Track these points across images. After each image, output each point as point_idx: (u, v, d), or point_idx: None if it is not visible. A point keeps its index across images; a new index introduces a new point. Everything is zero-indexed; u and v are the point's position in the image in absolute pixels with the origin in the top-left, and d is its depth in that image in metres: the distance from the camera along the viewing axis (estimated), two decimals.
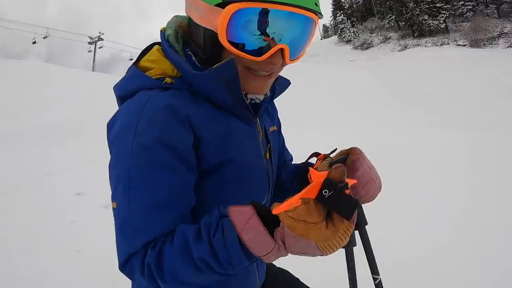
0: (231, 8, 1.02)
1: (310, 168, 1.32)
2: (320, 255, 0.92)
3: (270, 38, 1.09)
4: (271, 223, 0.93)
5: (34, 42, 53.56)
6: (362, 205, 1.32)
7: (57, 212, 5.96)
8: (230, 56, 1.12)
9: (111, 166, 1.14)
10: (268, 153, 1.45)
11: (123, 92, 1.26)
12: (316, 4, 1.11)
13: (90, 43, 57.27)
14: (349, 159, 1.24)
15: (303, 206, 0.88)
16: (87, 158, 8.43)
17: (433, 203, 6.08)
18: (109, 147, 1.18)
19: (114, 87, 1.31)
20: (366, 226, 1.32)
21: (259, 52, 1.11)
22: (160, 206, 1.07)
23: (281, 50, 1.12)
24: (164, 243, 1.03)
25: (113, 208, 1.11)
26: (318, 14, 1.14)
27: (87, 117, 14.67)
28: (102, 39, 57.24)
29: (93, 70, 49.43)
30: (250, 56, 1.10)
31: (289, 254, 0.96)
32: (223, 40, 1.08)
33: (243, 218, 0.94)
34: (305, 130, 13.31)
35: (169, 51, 1.23)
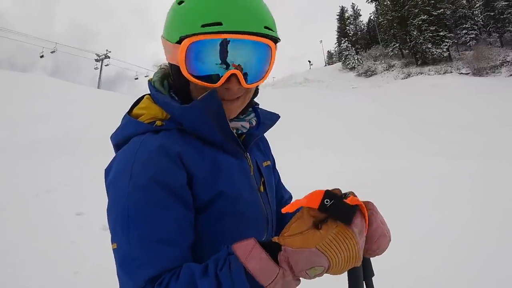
0: (184, 43, 1.15)
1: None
2: (328, 265, 0.94)
3: (222, 65, 1.18)
4: (275, 254, 0.98)
5: (41, 56, 53.69)
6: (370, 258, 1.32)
7: (57, 232, 5.97)
8: (195, 86, 1.25)
9: (109, 210, 1.18)
10: (262, 186, 1.48)
11: (119, 139, 1.33)
12: (267, 28, 1.19)
13: (97, 60, 57.38)
14: None
15: (297, 221, 0.99)
16: (88, 176, 8.45)
17: (429, 230, 6.11)
18: (106, 192, 1.22)
19: (111, 136, 1.39)
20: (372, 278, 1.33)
21: (215, 79, 1.19)
22: (161, 242, 1.08)
23: (234, 75, 1.19)
24: (170, 279, 1.03)
25: (114, 250, 1.13)
26: (272, 37, 1.22)
27: (91, 134, 14.71)
28: (109, 57, 57.43)
29: (98, 87, 49.59)
30: (207, 84, 1.20)
31: (297, 282, 0.99)
32: (183, 71, 1.19)
33: (246, 248, 0.98)
34: (306, 156, 13.31)
35: (156, 95, 1.34)
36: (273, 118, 1.55)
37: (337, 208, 0.96)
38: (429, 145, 19.21)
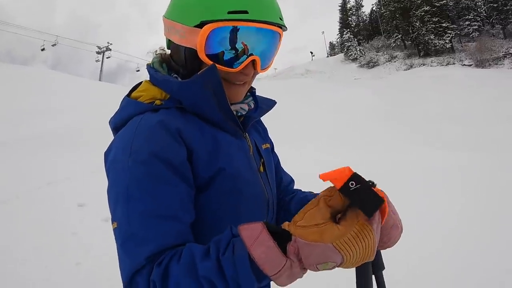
0: (207, 28, 1.17)
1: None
2: (341, 262, 0.88)
3: (242, 51, 1.22)
4: (283, 242, 0.92)
5: (43, 49, 53.64)
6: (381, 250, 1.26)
7: (59, 223, 5.97)
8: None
9: (109, 190, 1.17)
10: (262, 167, 1.49)
11: (118, 121, 1.33)
12: (280, 19, 1.27)
13: (98, 52, 57.31)
14: None
15: (311, 210, 0.92)
16: (89, 168, 8.45)
17: (431, 223, 6.15)
18: (106, 175, 1.21)
19: (109, 121, 1.38)
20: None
21: (234, 64, 1.24)
22: (162, 217, 1.06)
23: (253, 61, 1.26)
24: (171, 260, 1.00)
25: (114, 229, 1.10)
26: (283, 27, 1.29)
27: (92, 126, 14.69)
28: (110, 49, 57.27)
29: (100, 80, 49.50)
30: (227, 68, 1.23)
31: (303, 272, 0.93)
32: (202, 55, 1.21)
33: (253, 233, 0.93)
34: (305, 148, 13.32)
35: (155, 74, 1.35)
36: (269, 103, 1.61)
37: (362, 196, 0.88)
38: (431, 138, 19.22)
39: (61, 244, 5.32)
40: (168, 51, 1.46)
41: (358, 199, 0.87)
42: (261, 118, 1.69)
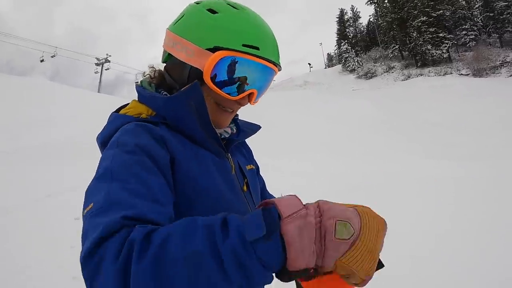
0: (220, 54, 1.21)
1: None
2: (358, 235, 0.81)
3: (245, 83, 1.29)
4: None
5: (42, 60, 53.59)
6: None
7: (56, 236, 5.95)
8: (207, 91, 1.29)
9: (92, 180, 1.06)
10: (245, 187, 1.49)
11: (106, 135, 1.29)
12: (279, 59, 1.38)
13: (97, 64, 57.11)
14: None
15: None
16: (88, 181, 8.41)
17: (431, 233, 6.19)
18: None
19: (97, 137, 1.36)
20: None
21: (233, 92, 1.29)
22: (145, 198, 0.96)
23: (251, 93, 1.33)
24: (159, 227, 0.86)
25: (86, 212, 0.94)
26: (279, 67, 1.39)
27: (91, 139, 14.66)
28: (109, 61, 57.32)
29: (98, 91, 49.52)
30: (227, 95, 1.28)
31: (316, 231, 0.80)
32: (207, 78, 1.25)
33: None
34: (304, 159, 13.33)
35: (142, 91, 1.39)
36: (253, 128, 1.67)
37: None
38: (429, 148, 19.24)
39: (58, 257, 5.30)
40: (161, 66, 1.49)
41: None
42: (246, 141, 1.74)
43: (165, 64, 1.46)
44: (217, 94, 1.28)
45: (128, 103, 1.44)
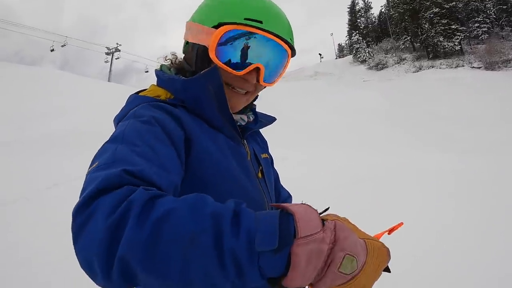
0: (222, 29, 1.23)
1: None
2: (361, 267, 0.78)
3: (250, 57, 1.27)
4: None
5: (52, 50, 53.68)
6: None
7: (66, 224, 5.94)
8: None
9: (104, 144, 1.04)
10: (260, 173, 1.49)
11: (123, 114, 1.28)
12: (291, 40, 1.35)
13: (107, 53, 57.32)
14: None
15: None
16: None
17: (435, 222, 6.17)
18: None
19: (114, 119, 1.35)
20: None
21: (239, 68, 1.27)
22: (153, 163, 0.94)
23: (257, 69, 1.29)
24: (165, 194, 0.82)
25: (89, 171, 0.90)
26: (292, 49, 1.37)
27: (101, 127, 14.69)
28: (119, 50, 57.42)
29: (108, 81, 49.59)
30: (231, 70, 1.26)
31: (324, 260, 0.75)
32: (212, 54, 1.25)
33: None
34: (314, 151, 13.32)
35: (161, 75, 1.41)
36: (269, 119, 1.67)
37: None
38: (440, 141, 19.15)
39: (67, 247, 5.32)
40: (181, 56, 1.50)
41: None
42: (261, 131, 1.75)
43: (184, 55, 1.48)
44: (224, 72, 1.28)
45: (146, 88, 1.44)
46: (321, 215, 0.92)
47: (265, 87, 1.43)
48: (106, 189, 0.78)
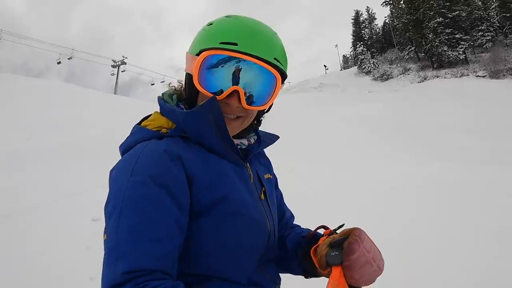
0: (202, 55, 1.29)
1: (312, 249, 1.40)
2: None
3: (228, 81, 1.31)
4: None
5: (59, 63, 54.20)
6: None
7: (73, 237, 6.02)
8: (204, 97, 1.36)
9: (106, 204, 1.23)
10: (263, 195, 1.53)
11: (127, 146, 1.40)
12: (276, 59, 1.35)
13: (113, 66, 57.96)
14: (346, 242, 1.25)
15: None
16: (104, 182, 8.48)
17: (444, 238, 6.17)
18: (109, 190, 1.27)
19: (119, 146, 1.47)
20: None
21: (219, 92, 1.32)
22: (147, 237, 1.09)
23: (237, 92, 1.31)
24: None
25: (104, 241, 1.15)
26: (279, 70, 1.37)
27: (108, 140, 14.73)
28: (125, 63, 57.95)
29: (115, 93, 49.87)
30: (211, 94, 1.31)
31: None
32: (195, 80, 1.32)
33: None
34: (319, 164, 13.33)
35: (164, 105, 1.46)
36: (272, 138, 1.70)
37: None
38: (445, 152, 19.13)
39: (75, 258, 5.37)
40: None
41: None
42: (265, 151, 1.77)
43: None
44: (205, 95, 1.34)
45: (151, 114, 1.51)
46: (335, 231, 1.06)
47: (263, 110, 1.50)
48: (114, 286, 1.03)
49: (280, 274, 1.59)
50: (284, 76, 1.42)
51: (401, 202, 8.29)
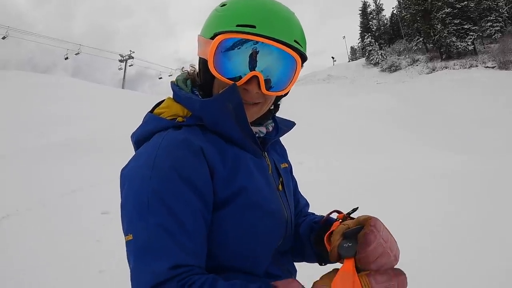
0: (217, 39, 1.20)
1: (325, 235, 1.33)
2: None
3: (247, 66, 1.22)
4: None
5: (66, 58, 54.51)
6: None
7: (82, 231, 6.05)
8: (220, 83, 1.28)
9: (125, 201, 1.18)
10: (281, 186, 1.49)
11: (140, 135, 1.34)
12: (296, 41, 1.25)
13: (120, 60, 58.14)
14: (362, 232, 1.17)
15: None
16: (113, 176, 8.50)
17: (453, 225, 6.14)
18: (120, 189, 1.23)
19: (131, 135, 1.40)
20: None
21: (237, 78, 1.24)
22: (179, 232, 1.08)
23: (256, 77, 1.23)
24: (202, 285, 1.02)
25: (128, 242, 1.10)
26: (299, 52, 1.27)
27: (116, 134, 14.76)
28: (132, 57, 58.05)
29: (122, 88, 49.97)
30: (229, 80, 1.24)
31: None
32: (210, 66, 1.24)
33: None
34: (328, 155, 13.31)
35: (178, 92, 1.38)
36: (288, 124, 1.62)
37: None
38: (455, 143, 19.08)
39: (85, 251, 5.40)
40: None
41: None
42: (281, 139, 1.70)
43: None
44: (222, 82, 1.26)
45: (163, 101, 1.45)
46: (349, 215, 1.03)
47: (281, 96, 1.44)
48: (158, 283, 1.01)
49: (295, 264, 1.58)
50: (304, 58, 1.33)
51: (412, 193, 8.25)
